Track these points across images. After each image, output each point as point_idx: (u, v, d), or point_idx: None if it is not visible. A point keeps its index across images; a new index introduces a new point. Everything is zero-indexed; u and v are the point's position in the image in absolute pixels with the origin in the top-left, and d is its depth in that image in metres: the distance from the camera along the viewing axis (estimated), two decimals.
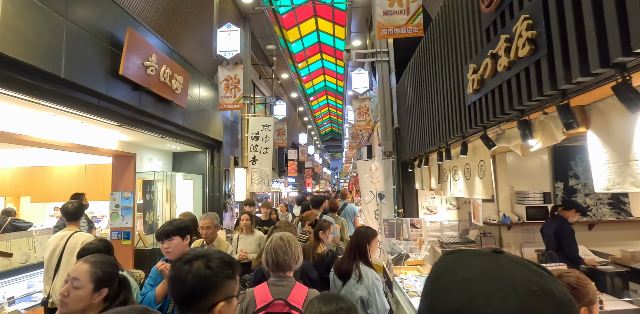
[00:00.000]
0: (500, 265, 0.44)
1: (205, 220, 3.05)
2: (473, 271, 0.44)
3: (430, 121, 3.31)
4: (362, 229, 2.62)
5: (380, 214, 5.25)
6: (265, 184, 7.08)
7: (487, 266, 0.44)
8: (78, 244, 2.95)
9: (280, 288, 1.69)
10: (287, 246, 1.79)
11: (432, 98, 3.22)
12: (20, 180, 7.06)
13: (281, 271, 1.75)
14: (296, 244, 1.85)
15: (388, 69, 5.25)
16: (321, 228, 3.03)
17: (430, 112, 3.29)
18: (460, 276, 0.44)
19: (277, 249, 1.77)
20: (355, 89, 7.67)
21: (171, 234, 2.11)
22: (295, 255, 1.79)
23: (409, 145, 4.42)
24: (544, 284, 0.42)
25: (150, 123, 4.73)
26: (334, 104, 22.15)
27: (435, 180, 3.70)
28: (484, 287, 0.41)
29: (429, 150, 3.60)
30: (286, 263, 1.75)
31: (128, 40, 3.85)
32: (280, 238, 1.83)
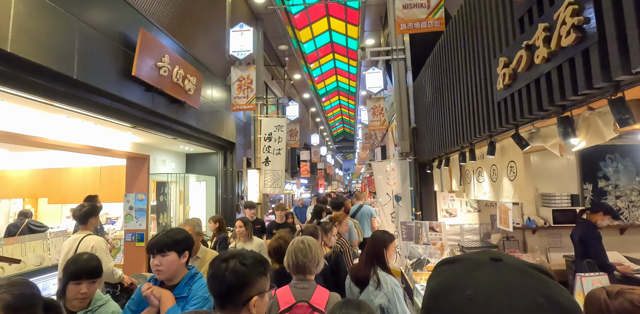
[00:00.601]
0: (504, 278, 0.42)
1: (185, 227, 2.44)
2: (477, 288, 0.41)
3: (452, 120, 3.15)
4: (378, 233, 2.51)
5: (397, 217, 5.09)
6: (278, 186, 7.00)
7: (491, 281, 0.42)
8: (88, 247, 2.90)
9: (303, 291, 1.71)
10: (307, 249, 1.81)
11: (454, 96, 3.06)
12: (37, 182, 7.16)
13: (301, 273, 1.78)
14: (317, 248, 1.87)
15: (404, 67, 5.09)
16: (324, 230, 3.03)
17: (452, 110, 3.13)
18: (464, 295, 0.41)
19: (298, 252, 1.81)
20: (369, 88, 7.52)
21: (166, 248, 1.66)
22: (315, 259, 1.81)
23: (428, 145, 4.25)
24: (550, 294, 0.40)
25: (163, 124, 4.70)
26: (347, 105, 21.99)
27: (456, 182, 3.52)
28: (492, 307, 0.39)
29: (450, 150, 3.44)
30: (306, 265, 1.78)
31: (141, 40, 3.81)
32: (302, 241, 1.86)
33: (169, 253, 1.66)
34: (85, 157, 6.49)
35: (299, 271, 1.79)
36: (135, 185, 5.40)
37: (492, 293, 0.41)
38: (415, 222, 4.18)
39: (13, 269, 3.31)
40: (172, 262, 1.66)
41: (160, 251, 1.65)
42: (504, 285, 0.41)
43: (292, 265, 1.80)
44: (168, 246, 1.67)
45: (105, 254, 2.98)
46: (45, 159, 7.06)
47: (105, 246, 3.01)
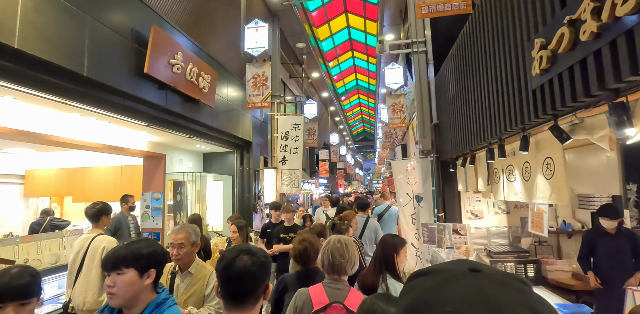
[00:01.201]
0: (484, 292, 0.39)
1: (178, 235, 2.08)
2: (456, 304, 0.38)
3: (478, 114, 2.89)
4: (387, 237, 2.32)
5: (417, 219, 4.82)
6: (295, 185, 6.86)
7: (471, 295, 0.39)
8: (99, 248, 2.84)
9: (337, 291, 1.66)
10: (345, 249, 1.77)
11: (480, 87, 2.79)
12: (63, 181, 7.35)
13: (336, 274, 1.74)
14: (354, 248, 1.81)
15: (425, 60, 4.81)
16: (340, 232, 2.92)
17: (478, 103, 2.86)
18: (444, 312, 0.38)
19: (335, 251, 1.76)
20: (389, 84, 7.26)
21: (122, 263, 1.27)
22: (352, 260, 1.77)
23: (451, 142, 3.98)
24: (533, 306, 0.38)
25: (178, 123, 4.65)
26: (366, 103, 21.66)
27: (483, 181, 3.25)
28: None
29: (476, 147, 3.17)
30: (342, 266, 1.73)
31: (153, 37, 3.76)
32: (338, 240, 1.81)
33: (126, 271, 1.27)
34: (107, 156, 6.60)
35: (334, 271, 1.73)
36: (152, 184, 5.41)
37: (474, 308, 0.38)
38: (437, 225, 3.92)
39: None
40: (130, 283, 1.26)
41: (115, 268, 1.27)
42: (485, 299, 0.39)
43: (328, 265, 1.75)
44: (126, 262, 1.27)
45: None
46: (69, 158, 7.25)
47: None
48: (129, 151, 4.89)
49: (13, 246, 3.21)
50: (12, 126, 3.39)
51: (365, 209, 4.75)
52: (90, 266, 2.82)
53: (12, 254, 3.20)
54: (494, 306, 0.38)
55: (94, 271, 2.84)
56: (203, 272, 2.11)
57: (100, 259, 2.85)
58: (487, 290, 0.40)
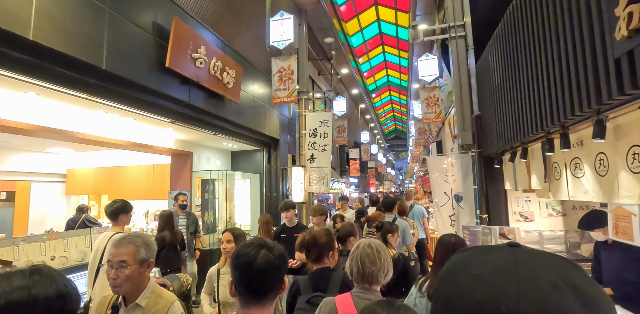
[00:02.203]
0: (516, 259, 0.40)
1: (119, 249, 1.49)
2: (485, 268, 0.40)
3: (533, 100, 2.47)
4: (446, 238, 2.11)
5: (457, 220, 4.39)
6: (324, 184, 6.60)
7: (501, 261, 0.40)
8: None
9: (366, 302, 1.44)
10: (376, 255, 1.58)
11: (536, 68, 2.38)
12: (100, 179, 7.59)
13: (367, 283, 1.57)
14: (386, 254, 1.62)
15: (465, 46, 4.37)
16: (389, 231, 2.78)
17: (533, 87, 2.45)
18: (472, 275, 0.41)
19: (365, 258, 1.57)
20: (423, 77, 6.81)
21: None
22: (385, 267, 1.58)
23: (496, 135, 3.53)
24: (570, 279, 0.37)
25: (203, 119, 4.54)
26: (398, 100, 20.97)
27: (538, 178, 2.80)
28: (498, 284, 0.38)
29: (529, 139, 2.73)
30: (373, 274, 1.55)
31: (174, 30, 3.65)
32: (369, 245, 1.62)
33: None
34: (140, 155, 6.71)
35: (364, 280, 1.56)
36: (179, 182, 5.37)
37: (501, 271, 0.39)
38: (482, 228, 3.49)
39: (55, 264, 3.31)
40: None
41: None
42: (515, 267, 0.39)
43: (357, 273, 1.57)
44: None
45: None
46: (106, 158, 7.48)
47: None
48: (156, 149, 4.86)
49: (40, 243, 3.21)
50: (38, 123, 3.40)
51: (391, 208, 4.49)
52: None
53: (39, 251, 3.19)
54: (523, 271, 0.38)
55: None
56: (158, 304, 1.52)
57: None
58: (519, 259, 0.40)
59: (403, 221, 4.28)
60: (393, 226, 2.85)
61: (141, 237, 1.58)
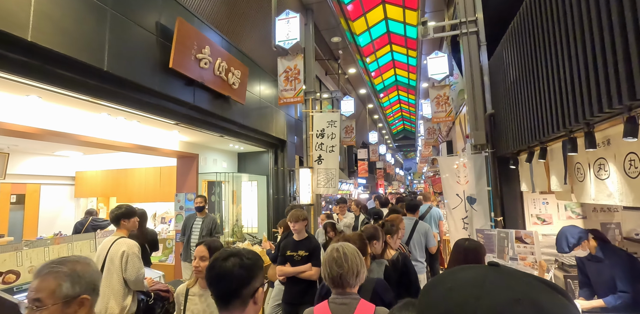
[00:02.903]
0: (486, 276, 0.42)
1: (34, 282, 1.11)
2: (457, 282, 0.43)
3: (552, 96, 2.32)
4: (462, 243, 2.06)
5: (470, 223, 4.23)
6: (332, 186, 6.48)
7: (472, 277, 0.43)
8: (118, 252, 2.67)
9: (343, 307, 1.50)
10: (342, 258, 1.56)
11: (557, 61, 2.23)
12: (108, 182, 7.61)
13: (340, 287, 1.56)
14: (354, 256, 1.59)
15: (477, 42, 4.21)
16: (389, 232, 2.78)
17: (554, 83, 2.30)
18: (446, 287, 0.43)
19: (332, 262, 1.57)
20: (432, 75, 6.64)
21: None
22: (353, 269, 1.55)
23: (512, 134, 3.38)
24: (532, 295, 0.39)
25: (208, 121, 4.47)
26: (406, 100, 20.72)
27: (558, 179, 2.64)
28: (461, 296, 0.40)
29: (548, 137, 2.58)
30: (342, 277, 1.54)
31: (178, 30, 3.58)
32: (336, 249, 1.61)
33: None
34: (147, 158, 6.70)
35: (336, 285, 1.56)
36: (185, 184, 5.31)
37: (468, 285, 0.41)
38: (498, 231, 3.34)
39: None
40: None
41: None
42: (483, 281, 0.41)
43: (328, 277, 1.57)
44: None
45: (136, 259, 2.73)
46: (113, 160, 7.49)
47: (137, 251, 2.76)
48: (161, 151, 4.80)
49: (43, 247, 3.16)
50: (41, 126, 3.36)
51: (414, 211, 4.44)
52: (110, 271, 2.66)
53: (43, 255, 3.15)
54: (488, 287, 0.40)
55: (114, 276, 2.67)
56: None
57: (120, 263, 2.68)
58: (490, 276, 0.42)
59: (425, 224, 4.19)
60: (393, 228, 2.85)
61: (70, 264, 1.16)
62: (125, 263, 2.68)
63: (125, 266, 2.67)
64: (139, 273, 2.69)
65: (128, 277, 2.66)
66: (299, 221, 2.96)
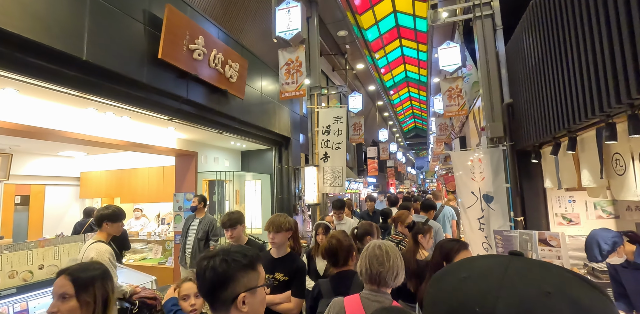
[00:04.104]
0: (509, 265, 0.39)
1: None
2: (474, 271, 0.40)
3: (585, 77, 1.98)
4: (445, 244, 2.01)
5: (487, 224, 3.88)
6: (338, 184, 6.18)
7: (492, 266, 0.40)
8: (88, 258, 2.44)
9: (375, 304, 1.47)
10: (385, 257, 1.53)
11: (590, 36, 1.90)
12: (112, 182, 7.48)
13: (375, 284, 1.53)
14: (396, 256, 1.56)
15: (492, 26, 3.86)
16: (420, 231, 2.67)
17: (585, 61, 1.96)
18: (459, 277, 0.40)
19: (373, 259, 1.54)
20: (444, 67, 6.28)
21: None
22: (394, 269, 1.52)
23: (534, 124, 3.03)
24: (566, 288, 0.34)
25: (204, 116, 4.24)
26: (417, 97, 20.25)
27: (591, 174, 2.30)
28: (479, 285, 0.37)
29: (578, 126, 2.24)
30: (381, 276, 1.51)
31: (167, 18, 3.35)
32: (378, 246, 1.58)
33: None
34: (151, 157, 6.53)
35: (372, 281, 1.53)
36: (184, 184, 5.11)
37: (487, 275, 0.38)
38: (519, 233, 2.99)
39: (43, 274, 3.07)
40: None
41: None
42: (504, 270, 0.37)
43: (366, 274, 1.55)
44: None
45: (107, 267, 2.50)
46: (117, 160, 7.36)
47: (108, 258, 2.52)
48: (157, 149, 4.60)
49: (26, 251, 2.97)
50: (19, 122, 3.17)
51: (428, 210, 4.30)
52: None
53: (25, 259, 2.96)
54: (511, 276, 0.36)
55: None
56: None
57: None
58: (513, 265, 0.38)
59: (436, 223, 4.03)
60: (425, 227, 2.73)
61: None
62: None
63: None
64: None
65: None
66: (280, 231, 2.12)
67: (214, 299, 1.04)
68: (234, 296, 1.02)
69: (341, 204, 4.24)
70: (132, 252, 5.42)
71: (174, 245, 4.92)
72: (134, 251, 5.46)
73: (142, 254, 5.27)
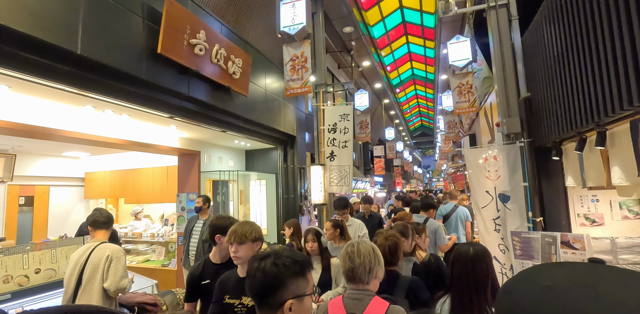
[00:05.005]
0: (597, 274, 0.36)
1: None
2: (558, 280, 0.36)
3: (621, 66, 1.80)
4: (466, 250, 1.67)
5: (503, 224, 3.69)
6: (345, 184, 6.02)
7: (578, 275, 0.37)
8: (102, 257, 2.33)
9: (355, 302, 1.49)
10: (355, 253, 1.55)
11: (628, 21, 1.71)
12: (116, 182, 7.40)
13: (353, 282, 1.55)
14: (369, 252, 1.56)
15: (507, 16, 3.66)
16: (417, 232, 2.64)
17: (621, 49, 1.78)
18: (539, 286, 0.36)
19: (346, 256, 1.58)
20: (453, 62, 6.06)
21: None
22: (365, 265, 1.52)
23: (554, 119, 2.84)
24: None
25: (207, 114, 4.10)
26: (424, 95, 19.96)
27: (624, 171, 2.10)
28: (571, 297, 0.33)
29: (609, 118, 2.05)
30: (354, 271, 1.52)
31: (167, 11, 3.21)
32: (352, 244, 1.61)
33: None
34: (155, 157, 6.43)
35: (349, 279, 1.56)
36: (187, 184, 4.98)
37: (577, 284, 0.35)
38: (541, 236, 2.80)
39: (40, 278, 2.96)
40: None
41: None
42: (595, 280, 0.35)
43: (344, 272, 1.58)
44: None
45: (121, 267, 2.38)
46: (122, 160, 7.28)
47: (123, 257, 2.42)
48: (159, 148, 4.48)
49: (22, 254, 2.86)
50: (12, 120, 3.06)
51: (427, 209, 4.14)
52: (91, 281, 2.31)
53: (21, 263, 2.84)
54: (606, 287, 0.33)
55: (95, 287, 2.33)
56: None
57: (104, 271, 2.34)
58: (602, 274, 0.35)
59: (435, 221, 3.93)
60: (420, 226, 2.71)
61: None
62: (108, 268, 2.34)
63: (107, 272, 2.33)
64: (120, 282, 2.33)
65: (108, 286, 2.31)
66: (245, 242, 1.66)
67: (261, 301, 1.05)
68: (281, 301, 1.02)
69: (344, 203, 3.81)
70: (135, 253, 5.32)
71: (177, 247, 4.80)
72: (137, 252, 5.35)
73: (146, 256, 5.17)
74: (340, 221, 3.08)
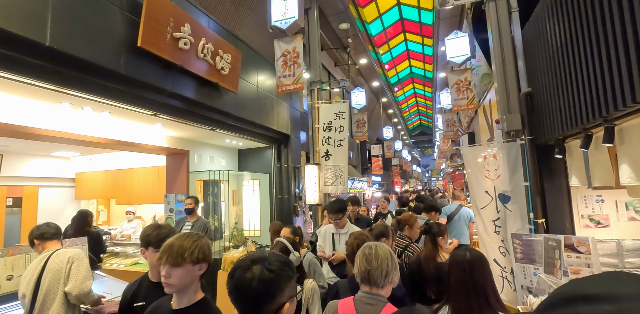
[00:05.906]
0: None
1: None
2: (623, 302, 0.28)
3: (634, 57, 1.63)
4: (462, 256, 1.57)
5: (503, 226, 3.53)
6: (341, 184, 5.86)
7: None
8: (63, 261, 2.17)
9: (368, 307, 1.45)
10: (373, 255, 1.51)
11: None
12: (107, 183, 7.23)
13: (367, 285, 1.51)
14: (386, 255, 1.52)
15: (507, 8, 3.50)
16: (439, 233, 2.54)
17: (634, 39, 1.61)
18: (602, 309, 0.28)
19: (362, 258, 1.54)
20: (451, 58, 5.90)
21: None
22: (382, 268, 1.48)
23: (557, 115, 2.67)
24: None
25: (193, 112, 3.93)
26: (422, 93, 19.78)
27: (634, 170, 1.94)
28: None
29: (617, 113, 1.89)
30: (370, 274, 1.49)
31: (147, 2, 3.03)
32: (369, 246, 1.57)
33: None
34: (146, 157, 6.26)
35: (364, 281, 1.53)
36: (175, 184, 4.81)
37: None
38: (544, 239, 2.64)
39: (12, 286, 2.78)
40: None
41: None
42: None
43: (358, 273, 1.55)
44: None
45: (83, 268, 2.21)
46: (113, 160, 7.10)
47: (85, 258, 2.26)
48: (144, 147, 4.30)
49: None
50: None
51: (430, 211, 4.12)
52: (52, 291, 2.13)
53: None
54: None
55: (58, 299, 2.15)
56: None
57: (68, 276, 2.17)
58: None
59: (422, 217, 4.00)
60: (442, 227, 2.60)
61: None
62: (69, 270, 2.17)
63: (68, 274, 2.16)
64: (83, 284, 2.16)
65: (70, 289, 2.13)
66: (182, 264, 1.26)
67: (256, 311, 1.00)
68: (278, 306, 1.00)
69: (339, 207, 3.12)
70: (123, 256, 5.15)
71: None
72: (125, 255, 5.19)
73: (134, 259, 5.00)
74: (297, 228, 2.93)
